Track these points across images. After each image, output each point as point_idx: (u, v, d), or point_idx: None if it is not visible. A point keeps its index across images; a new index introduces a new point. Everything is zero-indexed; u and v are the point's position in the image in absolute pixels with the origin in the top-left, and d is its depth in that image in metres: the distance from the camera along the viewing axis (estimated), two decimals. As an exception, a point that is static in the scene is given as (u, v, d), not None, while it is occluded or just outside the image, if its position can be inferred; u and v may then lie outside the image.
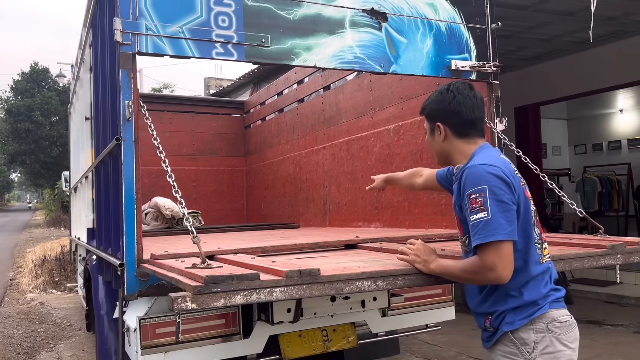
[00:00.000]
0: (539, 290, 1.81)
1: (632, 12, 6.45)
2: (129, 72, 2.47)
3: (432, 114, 2.06)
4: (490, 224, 1.71)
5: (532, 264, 1.82)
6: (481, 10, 3.36)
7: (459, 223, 1.96)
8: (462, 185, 1.84)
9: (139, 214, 2.45)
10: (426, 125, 2.11)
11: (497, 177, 1.76)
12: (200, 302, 1.58)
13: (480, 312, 1.91)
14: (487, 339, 1.90)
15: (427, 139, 2.11)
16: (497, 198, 1.73)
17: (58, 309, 7.90)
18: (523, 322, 1.78)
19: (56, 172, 26.71)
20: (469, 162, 1.90)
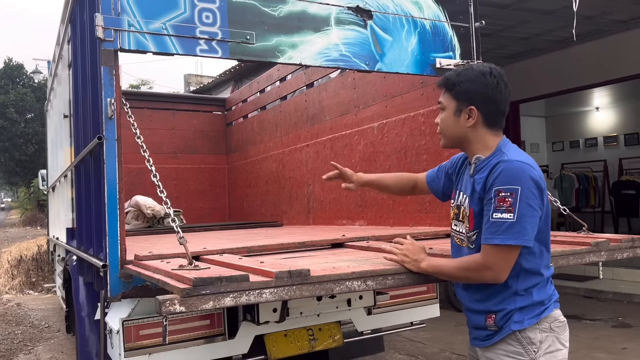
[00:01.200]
0: (546, 291, 1.79)
1: (610, 11, 6.57)
2: (111, 69, 2.41)
3: (467, 95, 1.84)
4: (514, 227, 1.66)
5: (544, 267, 1.79)
6: (465, 8, 3.37)
7: (472, 217, 1.83)
8: (492, 179, 1.73)
9: (122, 213, 2.40)
10: (448, 103, 1.90)
11: (533, 180, 1.70)
12: (188, 305, 1.55)
13: (479, 310, 1.83)
14: (485, 338, 1.82)
15: (445, 118, 1.91)
16: (527, 202, 1.67)
17: (35, 310, 7.74)
18: (532, 321, 1.75)
19: (32, 171, 26.19)
20: (500, 155, 1.78)
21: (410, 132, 3.95)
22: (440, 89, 1.95)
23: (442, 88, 1.93)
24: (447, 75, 1.93)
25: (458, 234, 1.93)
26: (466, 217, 1.86)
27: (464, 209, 1.88)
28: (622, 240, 2.37)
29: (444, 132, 1.94)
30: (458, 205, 1.93)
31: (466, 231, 1.86)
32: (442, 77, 1.95)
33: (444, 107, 1.93)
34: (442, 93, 1.94)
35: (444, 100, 1.92)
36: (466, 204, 1.86)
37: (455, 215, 1.96)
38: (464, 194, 1.89)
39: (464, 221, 1.87)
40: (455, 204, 1.96)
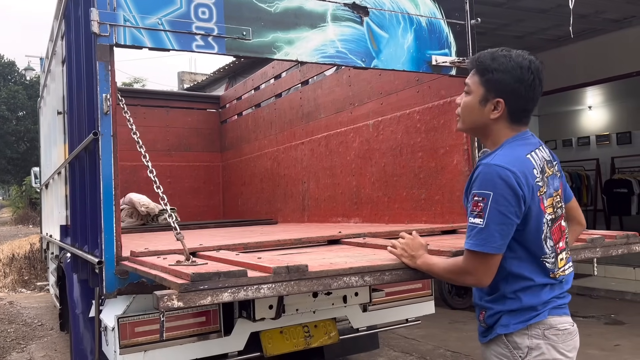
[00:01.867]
0: (539, 296, 1.70)
1: (603, 10, 6.61)
2: (107, 64, 2.40)
3: (498, 86, 1.71)
4: (482, 234, 1.61)
5: (536, 274, 1.70)
6: (461, 6, 3.38)
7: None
8: (472, 181, 1.70)
9: (118, 210, 2.39)
10: (475, 88, 1.76)
11: (508, 186, 1.60)
12: (187, 300, 1.54)
13: (477, 304, 1.84)
14: (482, 334, 1.82)
15: (469, 104, 1.77)
16: (498, 208, 1.59)
17: (28, 309, 7.70)
18: (518, 326, 1.69)
19: (24, 168, 26.01)
20: (489, 155, 1.72)
21: (405, 129, 3.96)
22: (469, 69, 1.80)
23: (472, 68, 1.79)
24: (481, 58, 1.76)
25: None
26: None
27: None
28: (617, 236, 2.38)
29: (464, 117, 1.81)
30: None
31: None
32: (474, 57, 1.79)
33: (470, 90, 1.78)
34: (471, 74, 1.78)
35: (472, 84, 1.77)
36: (463, 201, 1.85)
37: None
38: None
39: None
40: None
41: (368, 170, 4.35)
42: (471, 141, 3.34)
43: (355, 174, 4.50)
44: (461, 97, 1.81)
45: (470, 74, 1.79)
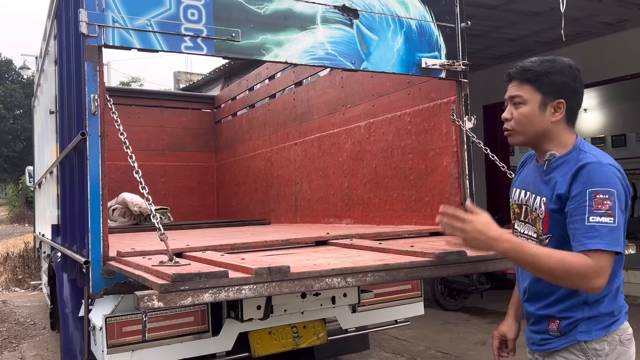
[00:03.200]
0: (617, 301, 1.70)
1: (596, 13, 6.63)
2: (95, 65, 2.41)
3: (556, 87, 1.69)
4: (615, 233, 1.54)
5: (615, 277, 1.68)
6: (451, 9, 3.39)
7: (547, 219, 1.68)
8: (580, 180, 1.60)
9: (105, 210, 2.40)
10: (530, 96, 1.72)
11: (622, 186, 1.60)
12: (167, 301, 1.55)
13: (543, 314, 1.72)
14: (543, 342, 1.73)
15: (528, 113, 1.72)
16: (621, 207, 1.57)
17: (21, 308, 7.69)
18: (601, 333, 1.65)
19: (20, 167, 25.96)
20: (583, 154, 1.66)
21: (396, 131, 3.97)
22: (513, 80, 1.75)
23: (519, 80, 1.74)
24: (528, 66, 1.73)
25: (524, 236, 1.78)
26: (539, 219, 1.71)
27: (531, 210, 1.75)
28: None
29: (524, 128, 1.74)
30: (520, 205, 1.81)
31: (537, 234, 1.72)
32: (518, 69, 1.75)
33: (525, 100, 1.72)
34: (518, 85, 1.74)
35: (525, 94, 1.72)
36: (537, 204, 1.72)
37: (517, 216, 1.83)
38: (532, 192, 1.76)
39: (534, 223, 1.74)
40: (516, 203, 1.84)
41: (359, 171, 4.37)
42: (460, 144, 3.36)
43: (347, 175, 4.52)
44: (509, 112, 1.76)
45: (515, 86, 1.75)
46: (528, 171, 1.84)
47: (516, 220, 1.84)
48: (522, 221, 1.80)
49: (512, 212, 1.86)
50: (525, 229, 1.79)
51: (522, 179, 1.86)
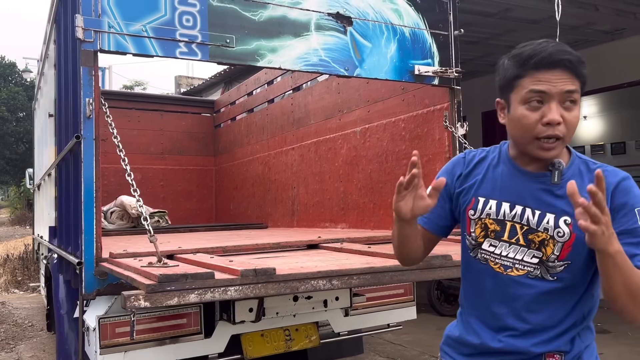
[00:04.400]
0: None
1: (594, 22, 6.67)
2: (90, 69, 2.45)
3: (585, 81, 1.38)
4: None
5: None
6: (445, 17, 3.44)
7: (570, 244, 1.37)
8: (625, 197, 1.36)
9: (99, 212, 2.44)
10: (578, 95, 1.36)
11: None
12: (153, 301, 1.59)
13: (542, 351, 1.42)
14: None
15: (578, 116, 1.38)
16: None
17: (20, 309, 7.72)
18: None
19: (22, 169, 26.04)
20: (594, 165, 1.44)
21: (391, 137, 4.01)
22: (564, 70, 1.33)
23: (572, 71, 1.34)
24: (574, 56, 1.35)
25: (506, 260, 1.44)
26: (554, 242, 1.39)
27: (533, 230, 1.41)
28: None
29: (571, 135, 1.37)
30: (501, 221, 1.44)
31: (545, 259, 1.40)
32: (566, 52, 1.34)
33: (578, 99, 1.36)
34: (571, 78, 1.33)
35: (576, 89, 1.34)
36: (551, 224, 1.39)
37: (496, 234, 1.45)
38: (534, 209, 1.41)
39: (539, 247, 1.40)
40: (492, 218, 1.46)
41: (355, 176, 4.41)
42: (453, 150, 3.40)
43: (342, 180, 4.56)
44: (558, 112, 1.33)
45: (567, 79, 1.33)
46: (508, 179, 1.47)
47: (489, 239, 1.46)
48: (507, 242, 1.44)
49: (481, 228, 1.47)
50: (512, 252, 1.43)
51: (498, 188, 1.47)
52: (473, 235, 1.49)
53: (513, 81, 1.38)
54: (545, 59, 1.32)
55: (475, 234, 1.48)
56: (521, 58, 1.36)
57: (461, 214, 1.53)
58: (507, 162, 1.49)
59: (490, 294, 1.46)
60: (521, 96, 1.36)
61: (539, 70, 1.33)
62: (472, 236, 1.49)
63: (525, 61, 1.34)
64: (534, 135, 1.35)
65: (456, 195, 1.54)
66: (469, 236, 1.51)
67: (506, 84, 1.41)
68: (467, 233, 1.51)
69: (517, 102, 1.37)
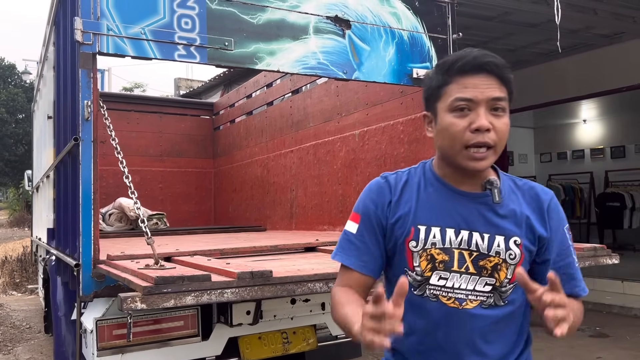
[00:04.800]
0: None
1: (593, 26, 6.69)
2: (89, 71, 2.46)
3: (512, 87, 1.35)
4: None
5: None
6: (443, 20, 3.45)
7: (520, 264, 1.31)
8: (557, 215, 1.36)
9: (97, 214, 2.44)
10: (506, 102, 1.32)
11: None
12: (150, 303, 1.59)
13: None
14: None
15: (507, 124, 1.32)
16: None
17: (18, 311, 7.71)
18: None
19: (21, 171, 26.01)
20: (521, 181, 1.41)
21: (389, 140, 4.02)
22: (489, 75, 1.27)
23: (499, 76, 1.28)
24: (500, 60, 1.29)
25: (459, 292, 1.31)
26: (506, 265, 1.31)
27: (484, 255, 1.31)
28: (585, 249, 2.43)
29: (502, 144, 1.30)
30: (449, 249, 1.31)
31: (498, 285, 1.31)
32: (489, 58, 1.28)
33: (504, 107, 1.29)
34: (499, 84, 1.28)
35: (504, 96, 1.29)
36: (502, 246, 1.31)
37: (445, 264, 1.31)
38: (482, 232, 1.31)
39: (492, 273, 1.31)
40: (438, 247, 1.31)
41: (353, 179, 4.41)
42: (451, 153, 3.40)
43: (341, 182, 4.56)
44: (487, 119, 1.26)
45: (494, 85, 1.27)
46: (445, 203, 1.34)
47: (437, 271, 1.31)
48: (457, 272, 1.31)
49: (427, 260, 1.32)
50: (463, 282, 1.31)
51: (437, 213, 1.33)
52: (418, 269, 1.31)
53: (439, 90, 1.31)
54: (469, 63, 1.27)
55: (420, 268, 1.31)
56: (445, 65, 1.31)
57: (398, 247, 1.34)
58: (437, 183, 1.36)
59: (444, 334, 1.31)
60: (448, 104, 1.28)
61: (464, 76, 1.27)
62: (417, 271, 1.31)
63: (450, 67, 1.29)
64: (463, 144, 1.26)
65: (390, 227, 1.34)
66: (411, 272, 1.32)
67: (432, 93, 1.33)
68: (410, 268, 1.32)
69: (444, 110, 1.29)
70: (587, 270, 2.26)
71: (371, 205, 1.37)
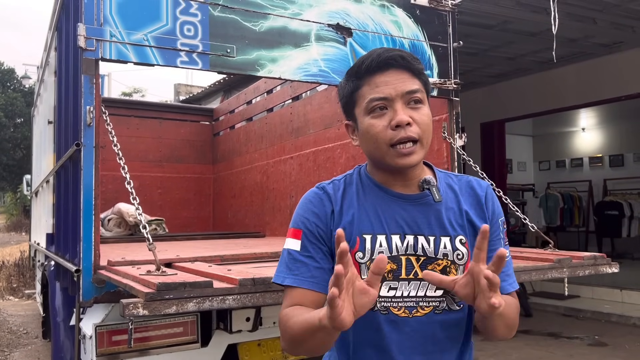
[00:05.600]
0: None
1: (592, 35, 6.73)
2: (92, 77, 2.46)
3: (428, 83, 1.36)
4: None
5: None
6: (444, 29, 3.47)
7: (468, 262, 1.25)
8: (493, 207, 1.33)
9: (97, 220, 2.44)
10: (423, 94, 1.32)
11: None
12: (152, 309, 1.59)
13: None
14: None
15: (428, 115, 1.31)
16: None
17: (15, 316, 7.68)
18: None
19: (19, 176, 26.01)
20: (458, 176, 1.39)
21: (389, 147, 4.02)
22: (399, 70, 1.25)
23: (409, 69, 1.26)
24: (405, 54, 1.27)
25: (409, 300, 1.25)
26: (455, 266, 1.26)
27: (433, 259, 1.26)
28: (584, 257, 2.44)
29: (427, 135, 1.27)
30: (397, 257, 1.25)
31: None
32: (395, 53, 1.27)
33: (423, 98, 1.28)
34: (410, 77, 1.26)
35: (419, 88, 1.27)
36: (449, 247, 1.27)
37: (394, 274, 1.25)
38: (428, 235, 1.27)
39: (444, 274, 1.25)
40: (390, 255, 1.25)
41: (353, 186, 4.41)
42: (451, 161, 3.41)
43: (341, 189, 4.56)
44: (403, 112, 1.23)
45: (405, 78, 1.25)
46: (386, 208, 1.28)
47: (387, 281, 1.25)
48: (406, 279, 1.25)
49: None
50: (412, 289, 1.25)
51: (379, 220, 1.27)
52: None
53: (352, 95, 1.29)
54: (375, 61, 1.25)
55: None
56: (354, 69, 1.30)
57: None
58: (375, 188, 1.31)
59: (398, 348, 1.24)
60: (364, 107, 1.26)
61: (373, 75, 1.25)
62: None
63: (358, 70, 1.28)
64: (387, 143, 1.23)
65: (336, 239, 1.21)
66: None
67: (348, 101, 1.32)
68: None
69: (362, 114, 1.27)
70: (586, 279, 2.26)
71: (312, 218, 1.29)
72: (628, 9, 5.88)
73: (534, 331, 6.28)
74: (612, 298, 7.63)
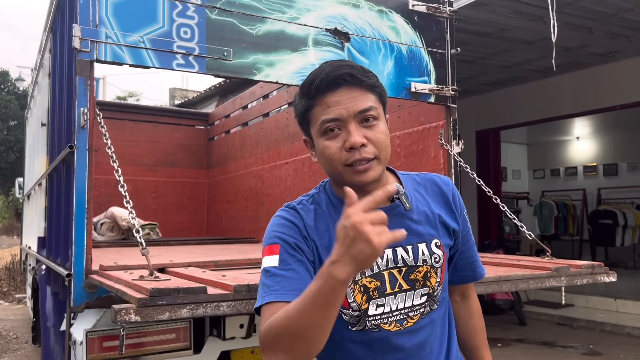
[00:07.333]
0: None
1: (588, 44, 6.75)
2: (86, 79, 2.43)
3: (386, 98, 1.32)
4: None
5: None
6: (442, 35, 3.46)
7: (444, 264, 1.30)
8: (460, 202, 1.37)
9: (90, 223, 2.40)
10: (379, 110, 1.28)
11: None
12: (144, 315, 1.55)
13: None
14: None
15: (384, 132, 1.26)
16: None
17: (5, 321, 7.58)
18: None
19: (11, 179, 25.83)
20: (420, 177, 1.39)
21: (386, 153, 4.00)
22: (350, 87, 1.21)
23: (360, 86, 1.21)
24: (356, 68, 1.22)
25: (398, 313, 1.26)
26: (434, 270, 1.28)
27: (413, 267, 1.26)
28: (582, 266, 2.42)
29: (386, 153, 1.24)
30: (379, 274, 1.25)
31: (432, 291, 1.29)
32: (347, 69, 1.22)
33: (379, 114, 1.23)
34: (362, 93, 1.21)
35: (375, 104, 1.23)
36: (427, 253, 1.27)
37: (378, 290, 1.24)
38: (405, 245, 1.26)
39: (423, 282, 1.27)
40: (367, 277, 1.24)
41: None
42: (448, 167, 3.39)
43: (336, 195, 4.54)
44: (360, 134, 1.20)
45: (358, 95, 1.21)
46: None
47: (373, 300, 1.24)
48: (393, 293, 1.25)
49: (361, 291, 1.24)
50: (400, 302, 1.26)
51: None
52: (354, 305, 1.22)
53: (306, 114, 1.25)
54: (324, 81, 1.20)
55: (357, 303, 1.22)
56: (304, 88, 1.25)
57: None
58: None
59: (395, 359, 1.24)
60: (317, 128, 1.23)
61: (324, 95, 1.20)
62: (354, 307, 1.22)
63: (308, 89, 1.23)
64: (343, 164, 1.20)
65: (318, 259, 1.21)
66: (347, 310, 1.22)
67: (302, 120, 1.28)
68: (345, 307, 1.22)
69: (317, 135, 1.24)
70: (580, 288, 2.23)
71: (288, 231, 1.23)
72: (624, 18, 5.91)
73: (528, 340, 6.25)
74: (606, 307, 7.62)
